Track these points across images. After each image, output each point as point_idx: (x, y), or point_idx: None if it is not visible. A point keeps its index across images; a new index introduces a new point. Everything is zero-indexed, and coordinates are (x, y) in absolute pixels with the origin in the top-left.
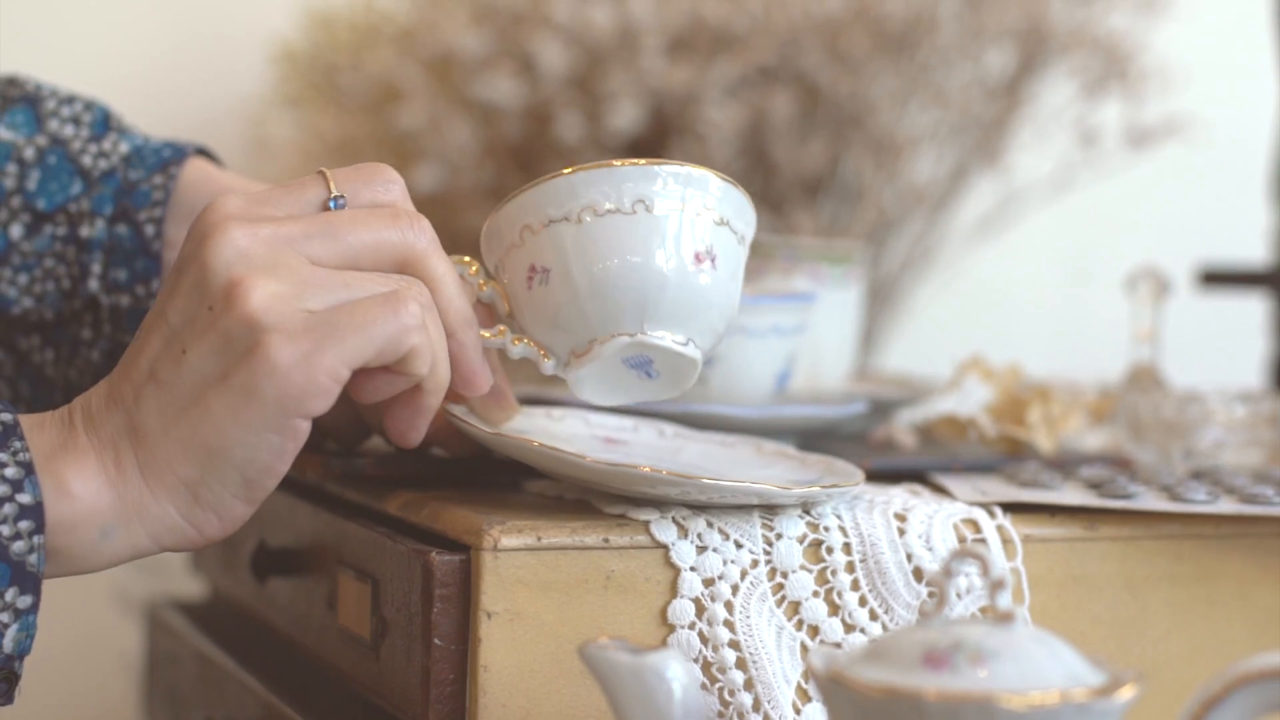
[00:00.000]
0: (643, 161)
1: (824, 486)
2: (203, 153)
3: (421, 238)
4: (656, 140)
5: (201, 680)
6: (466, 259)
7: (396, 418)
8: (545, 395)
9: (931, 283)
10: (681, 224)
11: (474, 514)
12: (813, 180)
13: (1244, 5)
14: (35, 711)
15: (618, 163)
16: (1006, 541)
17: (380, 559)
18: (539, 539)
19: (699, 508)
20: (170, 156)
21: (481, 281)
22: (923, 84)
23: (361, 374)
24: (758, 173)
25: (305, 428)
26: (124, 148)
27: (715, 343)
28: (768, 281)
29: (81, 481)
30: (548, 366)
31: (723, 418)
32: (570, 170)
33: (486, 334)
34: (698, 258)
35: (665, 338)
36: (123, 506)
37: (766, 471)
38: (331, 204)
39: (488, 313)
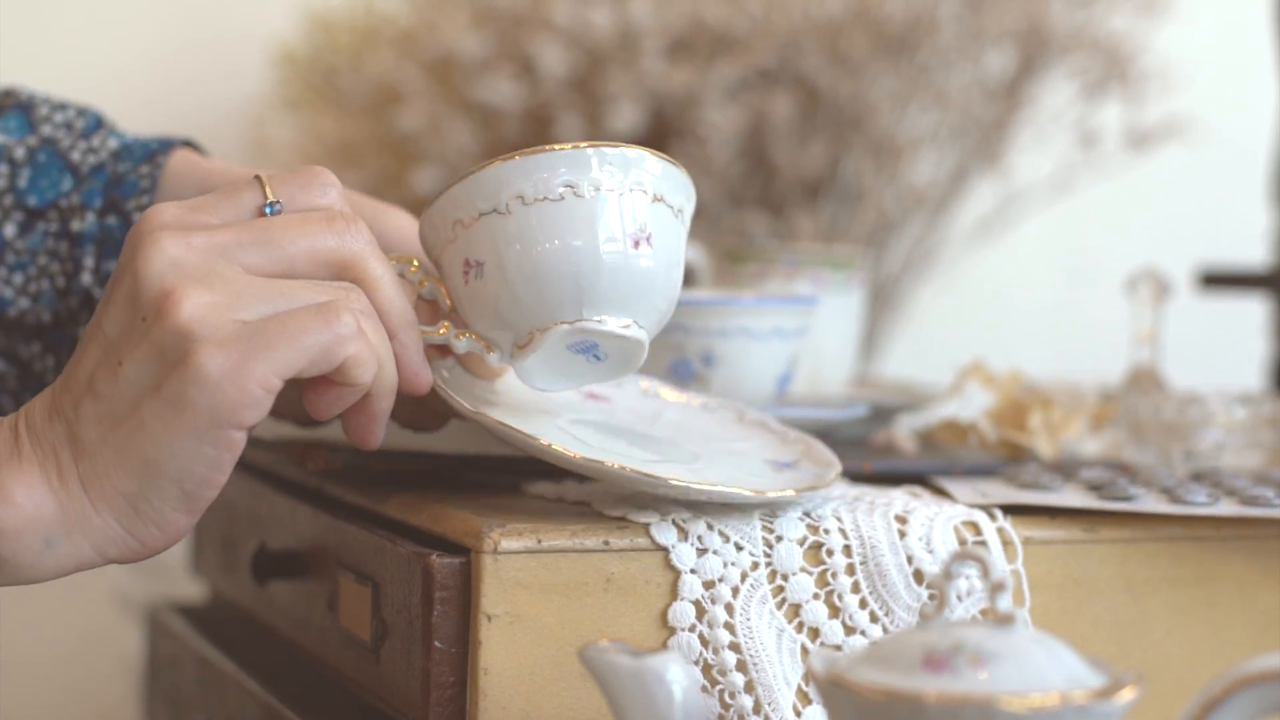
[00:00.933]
0: (569, 145)
1: (800, 490)
2: (190, 145)
3: (358, 240)
4: (656, 142)
5: (202, 683)
6: (406, 257)
7: (352, 424)
8: None
9: (932, 284)
10: (613, 206)
11: (474, 516)
12: (813, 182)
13: (1244, 5)
14: (36, 714)
15: (544, 148)
16: (1007, 544)
17: (381, 561)
18: (539, 541)
19: (695, 506)
20: (157, 148)
21: (422, 279)
22: (923, 86)
23: (311, 391)
24: (758, 175)
25: (240, 439)
26: (112, 144)
27: (661, 321)
28: (770, 286)
29: (25, 490)
30: (493, 359)
31: None
32: (496, 160)
33: (429, 330)
34: (633, 239)
35: (606, 322)
36: (64, 517)
37: (744, 445)
38: (267, 210)
39: (431, 309)
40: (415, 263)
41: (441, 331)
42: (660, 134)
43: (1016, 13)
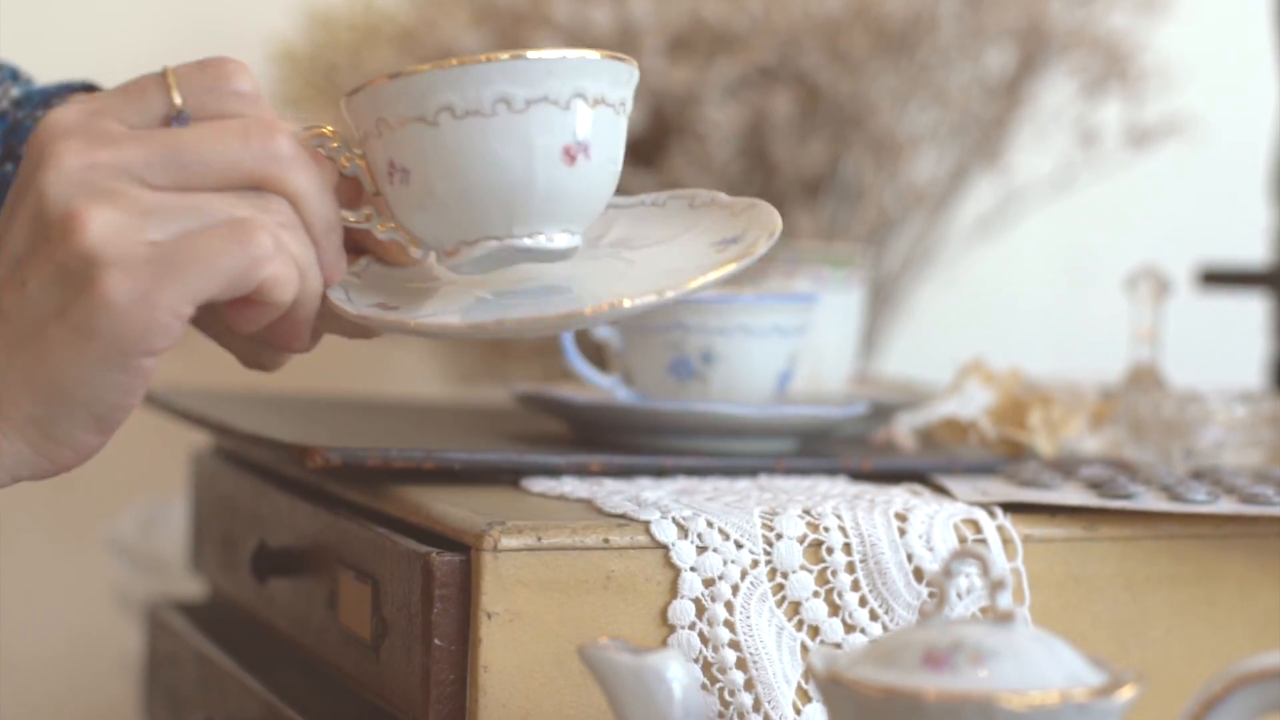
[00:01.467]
0: (506, 55)
1: (712, 270)
2: (91, 89)
3: (277, 154)
4: (656, 140)
5: (202, 681)
6: (327, 130)
7: (277, 331)
8: None
9: (932, 282)
10: (548, 119)
11: (474, 514)
12: (813, 180)
13: (1244, 5)
14: (35, 711)
15: (479, 58)
16: (1007, 542)
17: (380, 559)
18: (539, 539)
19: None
20: (54, 92)
21: (345, 156)
22: (923, 84)
23: (231, 309)
24: (758, 172)
25: (152, 364)
26: (15, 92)
27: (594, 219)
28: (770, 284)
29: None
30: (416, 254)
31: (723, 416)
32: (427, 66)
33: (351, 217)
34: (568, 152)
35: (537, 237)
36: None
37: (692, 232)
38: (174, 122)
39: (352, 187)
40: (336, 139)
41: (364, 220)
42: (660, 131)
43: (1016, 11)
